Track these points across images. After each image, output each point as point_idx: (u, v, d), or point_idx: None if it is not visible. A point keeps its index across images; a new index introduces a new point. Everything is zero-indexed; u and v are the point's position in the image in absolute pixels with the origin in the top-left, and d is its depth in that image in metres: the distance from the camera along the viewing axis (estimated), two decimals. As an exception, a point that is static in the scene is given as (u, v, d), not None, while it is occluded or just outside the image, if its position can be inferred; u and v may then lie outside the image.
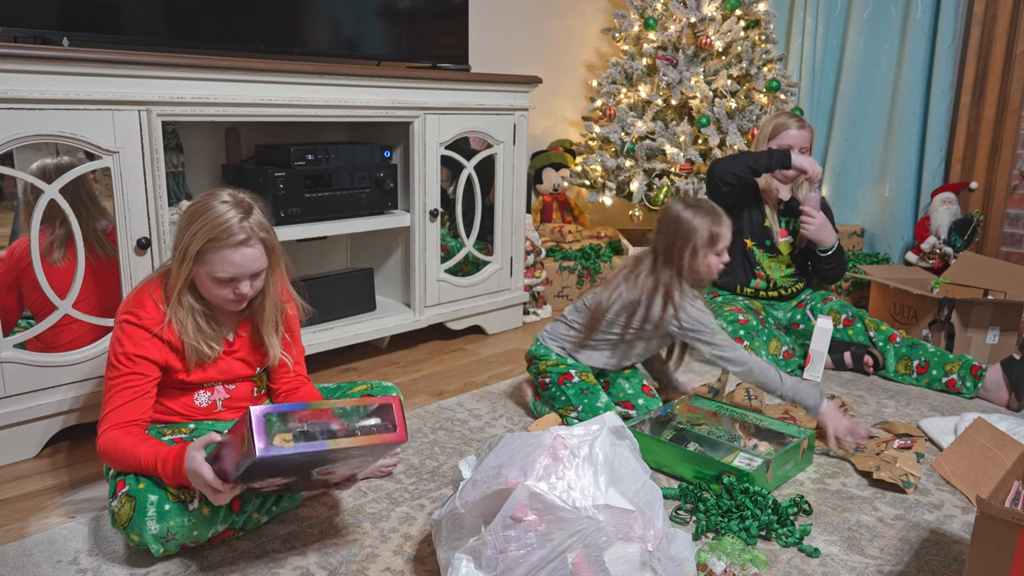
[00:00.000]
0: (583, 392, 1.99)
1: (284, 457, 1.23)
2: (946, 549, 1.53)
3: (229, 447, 1.30)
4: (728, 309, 2.53)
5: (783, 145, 2.52)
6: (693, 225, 1.93)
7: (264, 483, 1.39)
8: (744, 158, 2.44)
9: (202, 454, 1.33)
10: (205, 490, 1.33)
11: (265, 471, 1.30)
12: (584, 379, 2.02)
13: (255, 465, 1.23)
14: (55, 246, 1.87)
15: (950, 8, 3.37)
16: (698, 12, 3.22)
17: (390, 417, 1.32)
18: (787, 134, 2.52)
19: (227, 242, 1.44)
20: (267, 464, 1.24)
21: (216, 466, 1.31)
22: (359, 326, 2.52)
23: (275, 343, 1.61)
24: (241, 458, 1.25)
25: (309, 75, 2.18)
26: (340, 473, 1.47)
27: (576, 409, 1.98)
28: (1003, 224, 3.40)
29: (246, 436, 1.23)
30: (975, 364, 2.31)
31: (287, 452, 1.22)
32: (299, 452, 1.23)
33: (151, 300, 1.50)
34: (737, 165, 2.44)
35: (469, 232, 2.75)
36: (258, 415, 1.22)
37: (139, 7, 2.12)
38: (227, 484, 1.31)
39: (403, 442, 1.32)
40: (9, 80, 1.68)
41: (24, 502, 1.67)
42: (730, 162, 2.46)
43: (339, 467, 1.41)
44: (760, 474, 1.67)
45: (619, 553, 1.22)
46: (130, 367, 1.47)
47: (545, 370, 2.06)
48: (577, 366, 2.05)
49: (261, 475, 1.32)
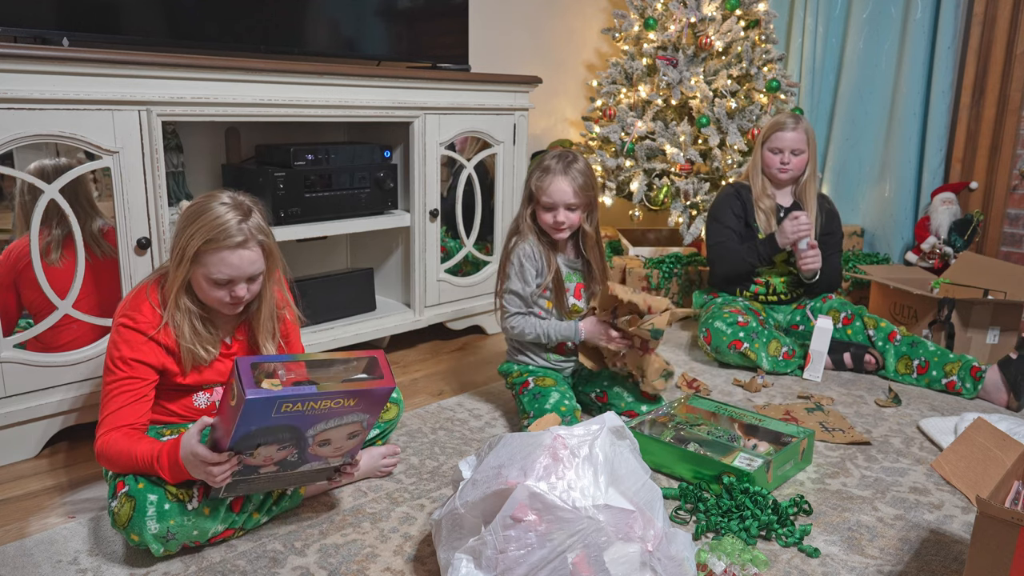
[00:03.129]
0: (535, 397, 1.99)
1: (273, 399, 1.23)
2: (946, 549, 1.53)
3: (220, 422, 1.31)
4: (727, 310, 2.53)
5: (774, 147, 2.55)
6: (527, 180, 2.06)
7: (261, 459, 1.36)
8: (740, 256, 2.55)
9: (197, 438, 1.33)
10: (203, 472, 1.33)
11: (259, 433, 1.29)
12: (539, 384, 2.02)
13: (247, 414, 1.23)
14: (53, 246, 1.87)
15: (950, 8, 3.37)
16: (698, 12, 3.22)
17: (377, 371, 1.37)
18: (779, 136, 2.54)
19: (225, 243, 1.44)
20: (259, 410, 1.23)
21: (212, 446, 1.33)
22: (359, 326, 2.52)
23: (271, 350, 1.61)
24: (233, 415, 1.25)
25: (309, 75, 2.18)
26: (337, 444, 1.42)
27: (528, 415, 1.98)
28: (1003, 224, 3.40)
29: (235, 387, 1.24)
30: (975, 365, 2.31)
31: (276, 394, 1.23)
32: (288, 395, 1.24)
33: (148, 303, 1.50)
34: (736, 264, 2.57)
35: (469, 232, 2.75)
36: (245, 363, 1.25)
37: (139, 7, 2.12)
38: (223, 455, 1.30)
39: (391, 388, 1.35)
40: (9, 80, 1.68)
41: (24, 502, 1.67)
42: (725, 264, 2.59)
43: (334, 432, 1.38)
44: (760, 474, 1.67)
45: (619, 553, 1.22)
46: (127, 371, 1.47)
47: (512, 383, 2.10)
48: (536, 372, 2.08)
49: (256, 440, 1.31)
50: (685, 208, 3.20)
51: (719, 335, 2.49)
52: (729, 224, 2.59)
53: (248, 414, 1.24)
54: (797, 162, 2.54)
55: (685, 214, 3.20)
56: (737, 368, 2.53)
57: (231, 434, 1.28)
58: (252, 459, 1.35)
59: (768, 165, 2.58)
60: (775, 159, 2.56)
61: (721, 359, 2.53)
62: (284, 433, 1.33)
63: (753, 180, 2.62)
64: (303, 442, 1.37)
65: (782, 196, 2.63)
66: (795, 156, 2.54)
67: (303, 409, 1.29)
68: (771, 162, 2.57)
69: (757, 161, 2.61)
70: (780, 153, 2.54)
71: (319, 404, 1.30)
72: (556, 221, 1.99)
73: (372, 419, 1.41)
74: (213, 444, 1.34)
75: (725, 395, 2.31)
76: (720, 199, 2.65)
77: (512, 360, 2.15)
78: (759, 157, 2.61)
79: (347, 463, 1.51)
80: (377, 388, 1.34)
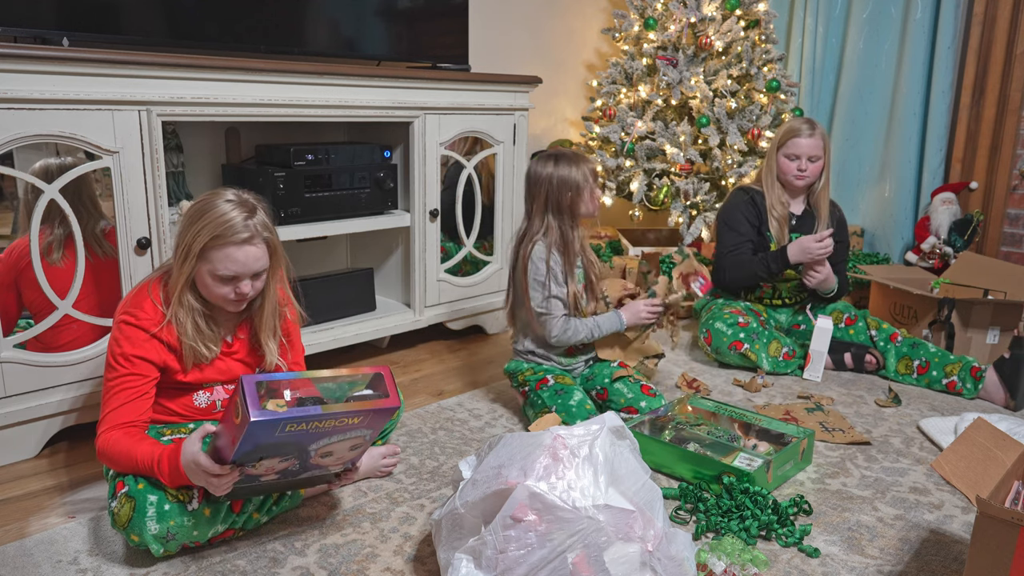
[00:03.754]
0: (557, 393, 2.01)
1: (278, 421, 1.22)
2: (946, 549, 1.53)
3: (224, 432, 1.30)
4: (728, 311, 2.53)
5: (791, 154, 2.49)
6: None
7: (263, 469, 1.36)
8: (751, 270, 2.53)
9: (198, 445, 1.33)
10: (204, 481, 1.32)
11: (262, 448, 1.29)
12: (559, 381, 2.04)
13: (251, 434, 1.23)
14: (53, 246, 1.87)
15: (950, 8, 3.37)
16: (698, 12, 3.22)
17: (382, 387, 1.37)
18: (795, 142, 2.48)
19: (231, 239, 1.44)
20: (263, 431, 1.23)
21: (214, 455, 1.32)
22: (359, 326, 2.52)
23: (272, 348, 1.61)
24: (236, 432, 1.24)
25: (309, 75, 2.18)
26: (339, 455, 1.43)
27: (548, 410, 1.99)
28: (1003, 224, 3.40)
29: (239, 406, 1.23)
30: (975, 365, 2.31)
31: (281, 416, 1.23)
32: (292, 416, 1.24)
33: (149, 301, 1.50)
34: (745, 275, 2.55)
35: (469, 232, 2.75)
36: (250, 382, 1.24)
37: (139, 7, 2.12)
38: (225, 467, 1.30)
39: (396, 407, 1.34)
40: (9, 80, 1.68)
41: (24, 502, 1.67)
42: (736, 272, 2.56)
43: (337, 446, 1.39)
44: (760, 474, 1.67)
45: (619, 553, 1.22)
46: (128, 368, 1.47)
47: (524, 380, 2.11)
48: (553, 370, 2.10)
49: (259, 454, 1.31)
50: (685, 208, 3.20)
51: (719, 336, 2.49)
52: (744, 232, 2.54)
53: (252, 435, 1.24)
54: (814, 169, 2.49)
55: (685, 214, 3.20)
56: (737, 368, 2.53)
57: (234, 450, 1.28)
58: (254, 470, 1.36)
59: (784, 171, 2.52)
60: (792, 165, 2.50)
61: (721, 360, 2.53)
62: (288, 448, 1.34)
63: (768, 187, 2.55)
64: (305, 454, 1.39)
65: (795, 204, 2.58)
66: (812, 163, 2.48)
67: (307, 428, 1.29)
68: (788, 168, 2.51)
69: (772, 167, 2.55)
70: (797, 159, 2.48)
71: (323, 423, 1.30)
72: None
73: (375, 433, 1.41)
74: (215, 453, 1.34)
75: (725, 395, 2.31)
76: (733, 204, 2.59)
77: (522, 359, 2.16)
78: (774, 163, 2.54)
79: (347, 469, 1.52)
80: (382, 407, 1.34)
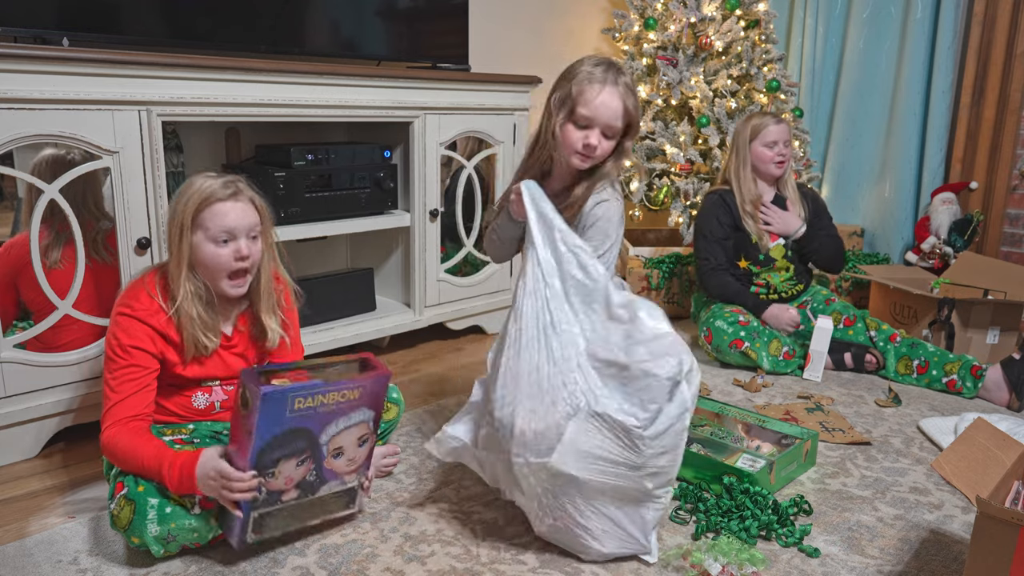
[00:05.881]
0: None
1: (286, 394, 1.30)
2: (946, 549, 1.53)
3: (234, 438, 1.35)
4: (728, 310, 2.53)
5: (768, 142, 2.57)
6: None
7: (282, 481, 1.38)
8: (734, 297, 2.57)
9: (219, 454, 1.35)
10: (217, 492, 1.33)
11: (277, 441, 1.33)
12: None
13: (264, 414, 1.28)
14: (52, 247, 1.86)
15: (950, 8, 3.37)
16: (698, 12, 3.22)
17: (370, 367, 1.49)
18: (769, 130, 2.57)
19: (218, 197, 1.49)
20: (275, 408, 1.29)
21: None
22: (359, 326, 2.52)
23: (274, 324, 1.62)
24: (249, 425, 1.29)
25: (309, 75, 2.18)
26: (350, 453, 1.46)
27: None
28: (1003, 224, 3.40)
29: (246, 395, 1.30)
30: (975, 364, 2.31)
31: (288, 388, 1.31)
32: (299, 387, 1.32)
33: (145, 292, 1.51)
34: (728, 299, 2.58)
35: (469, 232, 2.75)
36: (249, 373, 1.34)
37: (139, 7, 2.12)
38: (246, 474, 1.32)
39: (388, 375, 1.46)
40: (9, 80, 1.68)
41: (24, 502, 1.67)
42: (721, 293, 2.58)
43: (345, 437, 1.43)
44: (763, 476, 1.67)
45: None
46: (127, 359, 1.47)
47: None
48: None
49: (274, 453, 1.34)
50: (685, 208, 3.20)
51: (720, 334, 2.49)
52: (717, 236, 2.59)
53: (264, 413, 1.28)
54: (788, 152, 2.59)
55: (685, 214, 3.20)
56: (737, 368, 2.53)
57: (250, 448, 1.30)
58: (274, 481, 1.37)
59: (764, 161, 2.58)
60: (771, 153, 2.57)
61: (722, 358, 2.53)
62: (300, 441, 1.37)
63: (742, 181, 2.60)
64: (319, 452, 1.41)
65: (766, 194, 2.65)
66: (786, 147, 2.58)
67: (314, 404, 1.35)
68: (767, 157, 2.57)
69: (746, 160, 2.60)
70: (775, 145, 2.56)
71: (327, 398, 1.36)
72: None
73: (377, 416, 1.47)
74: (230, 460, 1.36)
75: (725, 395, 2.31)
76: (706, 209, 2.64)
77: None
78: (748, 155, 2.60)
79: (362, 482, 1.53)
80: (378, 375, 1.45)
